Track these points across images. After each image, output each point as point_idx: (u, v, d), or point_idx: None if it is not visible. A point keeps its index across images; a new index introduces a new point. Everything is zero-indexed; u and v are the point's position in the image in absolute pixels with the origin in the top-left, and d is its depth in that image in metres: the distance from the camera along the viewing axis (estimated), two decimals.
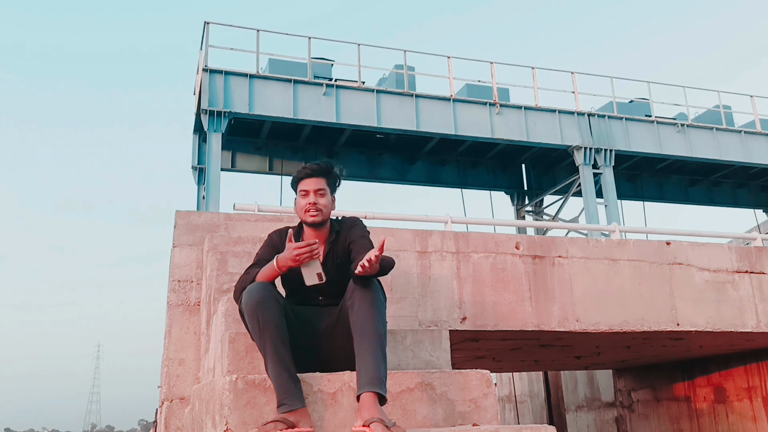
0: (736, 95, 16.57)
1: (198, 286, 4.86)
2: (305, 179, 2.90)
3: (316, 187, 2.88)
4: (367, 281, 2.63)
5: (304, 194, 2.88)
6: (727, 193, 17.68)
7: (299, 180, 2.91)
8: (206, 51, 12.03)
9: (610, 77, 14.80)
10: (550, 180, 16.04)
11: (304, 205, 2.86)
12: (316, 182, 2.88)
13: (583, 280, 5.54)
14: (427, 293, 5.05)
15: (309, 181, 2.89)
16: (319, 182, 2.89)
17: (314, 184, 2.88)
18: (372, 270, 2.50)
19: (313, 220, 2.86)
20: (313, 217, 2.85)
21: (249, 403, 2.51)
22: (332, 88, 12.70)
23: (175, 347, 4.66)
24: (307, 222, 2.88)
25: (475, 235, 5.41)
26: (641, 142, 14.64)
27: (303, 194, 2.88)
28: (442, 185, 15.54)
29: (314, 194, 2.86)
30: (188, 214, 5.14)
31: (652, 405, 10.16)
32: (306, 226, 2.93)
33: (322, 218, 2.87)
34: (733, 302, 5.99)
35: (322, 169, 2.91)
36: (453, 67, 13.57)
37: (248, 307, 2.57)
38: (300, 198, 2.89)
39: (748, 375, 8.52)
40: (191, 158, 13.50)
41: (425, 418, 2.71)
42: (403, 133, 13.32)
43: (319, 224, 2.88)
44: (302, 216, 2.89)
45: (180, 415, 4.41)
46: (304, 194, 2.88)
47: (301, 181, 2.90)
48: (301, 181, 2.91)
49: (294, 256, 2.61)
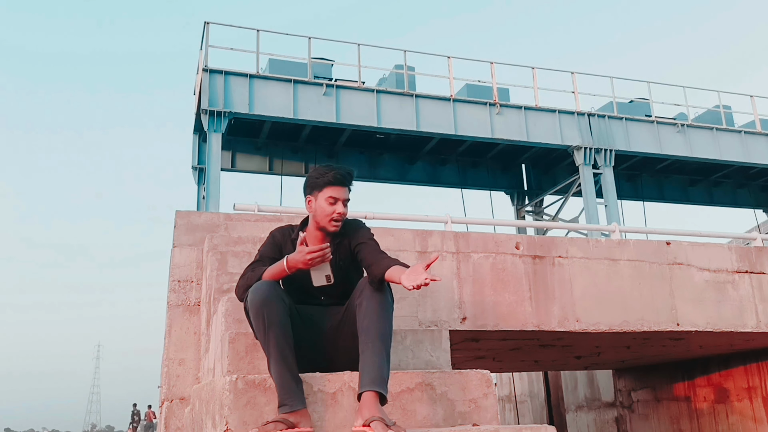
0: (736, 95, 16.57)
1: (198, 286, 4.86)
2: (337, 186, 2.75)
3: (345, 196, 2.77)
4: (381, 285, 2.61)
5: (333, 202, 2.74)
6: (727, 193, 17.68)
7: (329, 185, 2.74)
8: (206, 51, 12.03)
9: (610, 77, 14.81)
10: (550, 180, 16.04)
11: (332, 213, 2.73)
12: (346, 192, 2.77)
13: (583, 280, 5.54)
14: (427, 293, 5.05)
15: (340, 189, 2.75)
16: (347, 192, 2.79)
17: (344, 194, 2.76)
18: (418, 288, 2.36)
19: (334, 230, 2.77)
20: (335, 228, 2.77)
21: (249, 403, 2.51)
22: (332, 88, 12.70)
23: (175, 347, 4.66)
24: (328, 230, 2.77)
25: (475, 235, 5.41)
26: (641, 142, 14.64)
27: (331, 201, 2.74)
28: (442, 185, 15.54)
29: (342, 204, 2.76)
30: (188, 214, 5.13)
31: (652, 405, 10.15)
32: (314, 228, 2.84)
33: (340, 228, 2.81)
34: (733, 302, 5.99)
35: (351, 179, 2.78)
36: (453, 67, 13.57)
37: (254, 305, 2.56)
38: (326, 204, 2.74)
39: (749, 375, 8.52)
40: (191, 158, 13.51)
41: (425, 418, 2.71)
42: (403, 133, 13.32)
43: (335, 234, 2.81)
44: (324, 223, 2.76)
45: (180, 415, 4.41)
46: (333, 202, 2.74)
47: (331, 187, 2.74)
48: (330, 187, 2.74)
49: (307, 259, 2.60)
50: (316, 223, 2.82)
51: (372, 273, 2.65)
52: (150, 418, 26.11)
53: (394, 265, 2.57)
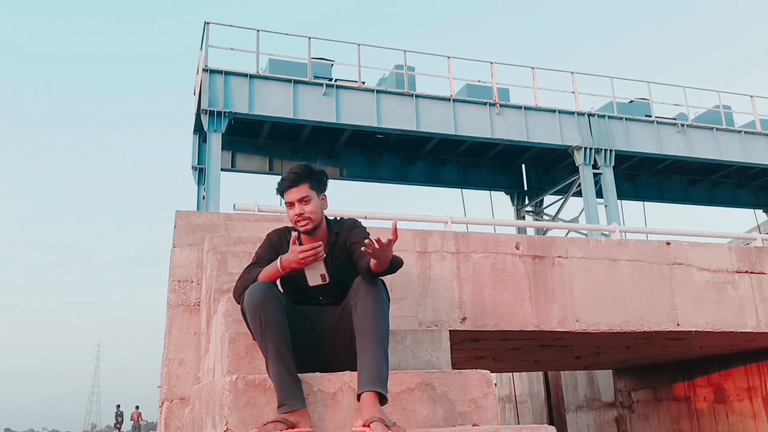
0: (736, 95, 16.56)
1: (198, 286, 4.86)
2: (286, 192, 2.84)
3: (298, 196, 2.81)
4: (373, 279, 2.63)
5: (290, 206, 2.83)
6: (727, 193, 17.68)
7: (280, 193, 2.86)
8: (206, 51, 12.03)
9: (610, 77, 14.80)
10: (550, 180, 16.04)
11: (292, 216, 2.83)
12: (297, 191, 2.81)
13: (583, 280, 5.54)
14: (427, 293, 5.05)
15: (290, 192, 2.82)
16: (300, 190, 2.81)
17: (296, 194, 2.81)
18: (381, 251, 2.45)
19: (304, 229, 2.83)
20: (304, 227, 2.82)
21: (249, 403, 2.51)
22: (332, 88, 12.70)
23: (175, 347, 4.66)
24: (300, 232, 2.86)
25: (475, 235, 5.41)
26: (641, 142, 14.63)
27: (289, 206, 2.83)
28: (442, 185, 15.53)
29: (299, 204, 2.81)
30: (188, 214, 5.14)
31: (652, 405, 10.15)
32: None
33: (314, 224, 2.84)
34: (733, 302, 5.99)
35: (300, 176, 2.82)
36: (453, 67, 13.57)
37: (250, 306, 2.57)
38: (288, 210, 2.85)
39: (748, 375, 8.52)
40: (191, 158, 13.50)
41: (425, 418, 2.71)
42: (403, 133, 13.31)
43: (312, 231, 2.85)
44: (296, 226, 2.86)
45: (180, 415, 4.41)
46: (290, 206, 2.83)
47: (284, 194, 2.85)
48: (283, 194, 2.85)
49: (299, 259, 2.61)
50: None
51: (360, 268, 2.67)
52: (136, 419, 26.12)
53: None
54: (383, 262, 2.53)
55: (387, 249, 2.46)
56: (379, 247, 2.44)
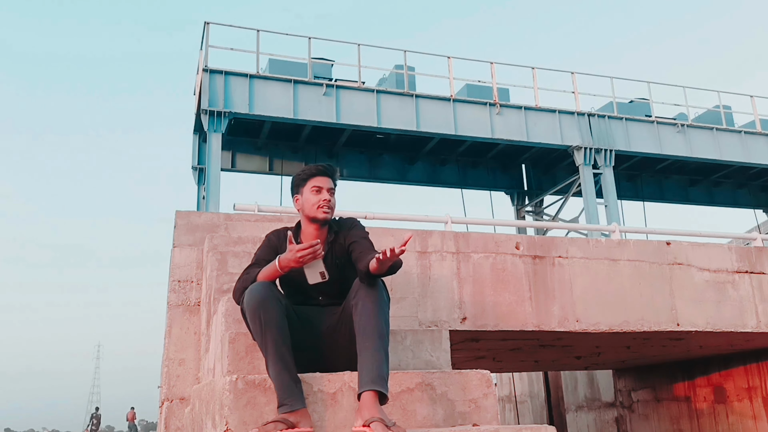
0: (736, 95, 16.56)
1: (198, 286, 4.86)
2: (318, 176, 2.89)
3: (328, 185, 2.89)
4: (372, 281, 2.63)
5: (317, 190, 2.86)
6: (727, 193, 17.68)
7: (311, 176, 2.89)
8: (206, 51, 12.03)
9: (610, 77, 14.81)
10: (550, 180, 16.03)
11: (318, 201, 2.84)
12: (328, 181, 2.90)
13: (583, 281, 5.54)
14: (427, 293, 5.05)
15: (322, 179, 2.89)
16: (330, 181, 2.90)
17: (327, 183, 2.89)
18: (390, 261, 2.48)
19: (324, 216, 2.85)
20: (326, 214, 2.85)
21: (249, 403, 2.51)
22: (332, 88, 12.70)
23: (175, 347, 4.66)
24: (318, 218, 2.86)
25: (475, 235, 5.41)
26: (641, 142, 14.63)
27: (315, 190, 2.86)
28: (442, 185, 15.53)
29: (327, 192, 2.87)
30: (188, 214, 5.13)
31: (653, 405, 10.15)
32: (307, 225, 2.91)
33: (331, 217, 2.90)
34: (733, 302, 5.99)
35: (332, 170, 2.93)
36: (453, 67, 13.57)
37: (250, 306, 2.57)
38: (311, 194, 2.86)
39: (748, 375, 8.52)
40: (191, 158, 13.50)
41: (425, 418, 2.71)
42: (403, 133, 13.31)
43: (325, 222, 2.89)
44: (313, 212, 2.85)
45: (180, 415, 4.41)
46: (317, 190, 2.86)
47: (314, 178, 2.88)
48: (313, 178, 2.88)
49: (297, 257, 2.61)
50: (306, 218, 2.90)
51: (358, 271, 2.68)
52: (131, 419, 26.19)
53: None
54: (386, 267, 2.55)
55: (394, 259, 2.49)
56: (390, 257, 2.46)
